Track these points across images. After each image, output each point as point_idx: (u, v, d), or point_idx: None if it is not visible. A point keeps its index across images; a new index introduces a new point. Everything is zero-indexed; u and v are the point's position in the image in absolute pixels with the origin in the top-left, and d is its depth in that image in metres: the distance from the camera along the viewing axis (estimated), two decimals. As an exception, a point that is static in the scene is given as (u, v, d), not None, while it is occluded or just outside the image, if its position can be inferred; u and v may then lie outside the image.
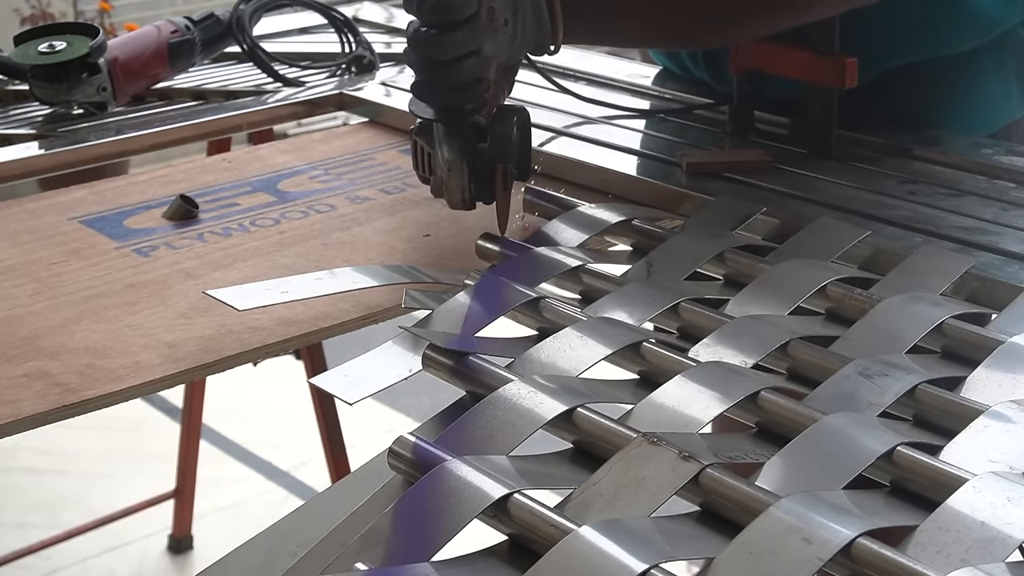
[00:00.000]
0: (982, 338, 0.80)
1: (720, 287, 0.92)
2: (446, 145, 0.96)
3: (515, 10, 0.96)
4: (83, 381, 0.80)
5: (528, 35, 0.98)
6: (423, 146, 0.98)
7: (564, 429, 0.69)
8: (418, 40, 0.92)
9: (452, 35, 0.91)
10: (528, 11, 0.97)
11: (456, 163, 0.96)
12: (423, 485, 0.62)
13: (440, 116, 0.95)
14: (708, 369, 0.74)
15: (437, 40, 0.91)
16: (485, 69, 0.94)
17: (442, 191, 0.98)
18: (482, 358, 0.75)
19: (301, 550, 0.62)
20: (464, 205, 0.98)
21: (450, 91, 0.94)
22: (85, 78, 1.28)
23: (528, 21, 0.97)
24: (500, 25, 0.94)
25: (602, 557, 0.55)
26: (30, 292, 0.94)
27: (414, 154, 1.00)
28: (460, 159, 0.96)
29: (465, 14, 0.91)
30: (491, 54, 0.94)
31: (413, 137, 0.99)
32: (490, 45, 0.93)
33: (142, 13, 3.85)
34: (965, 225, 1.01)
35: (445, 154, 0.96)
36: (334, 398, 0.76)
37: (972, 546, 0.57)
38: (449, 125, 0.96)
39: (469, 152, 0.96)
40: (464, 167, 0.96)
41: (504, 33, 0.95)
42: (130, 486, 2.49)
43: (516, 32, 0.96)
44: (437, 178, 0.98)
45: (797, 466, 0.65)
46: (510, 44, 0.96)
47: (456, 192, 0.97)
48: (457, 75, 0.93)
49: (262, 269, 0.98)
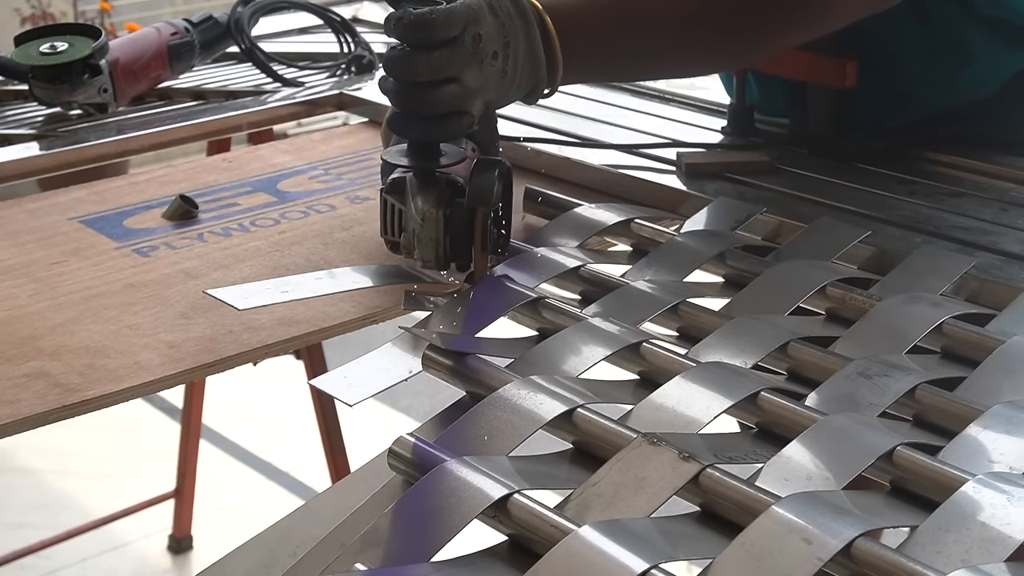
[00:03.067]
0: (982, 338, 0.80)
1: (720, 287, 0.92)
2: (420, 196, 0.86)
3: (506, 43, 0.89)
4: (83, 381, 0.80)
5: (521, 74, 0.91)
6: (393, 203, 0.88)
7: (564, 429, 0.69)
8: (392, 59, 0.85)
9: (429, 55, 0.84)
10: (521, 47, 0.90)
11: (431, 213, 0.85)
12: (423, 485, 0.62)
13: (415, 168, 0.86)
14: (708, 369, 0.74)
15: (412, 59, 0.84)
16: (467, 101, 0.86)
17: (413, 247, 0.87)
18: (482, 359, 0.75)
19: (301, 550, 0.62)
20: (437, 262, 0.87)
21: (426, 123, 0.86)
22: (87, 79, 1.28)
23: (521, 58, 0.90)
24: (487, 56, 0.87)
25: (602, 557, 0.55)
26: (30, 292, 0.94)
27: (383, 216, 0.89)
28: (436, 208, 0.85)
29: (445, 34, 0.84)
30: (475, 86, 0.86)
31: (383, 196, 0.89)
32: (473, 75, 0.86)
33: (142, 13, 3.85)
34: (965, 225, 1.01)
35: (419, 204, 0.86)
36: (334, 399, 0.76)
37: (972, 546, 0.57)
38: (423, 178, 0.86)
39: (445, 203, 0.86)
40: (440, 217, 0.85)
41: (492, 67, 0.87)
42: (130, 486, 2.49)
43: (506, 69, 0.89)
44: (408, 233, 0.87)
45: (797, 466, 0.65)
46: (499, 81, 0.89)
47: (429, 246, 0.86)
48: (434, 102, 0.85)
49: (262, 269, 0.97)
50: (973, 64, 1.14)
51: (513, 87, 0.91)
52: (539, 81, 0.93)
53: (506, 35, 0.88)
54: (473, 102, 0.87)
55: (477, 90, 0.87)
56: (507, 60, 0.89)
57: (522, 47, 0.90)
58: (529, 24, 0.91)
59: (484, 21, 0.87)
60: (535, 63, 0.91)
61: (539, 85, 0.93)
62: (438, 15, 0.84)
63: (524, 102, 0.95)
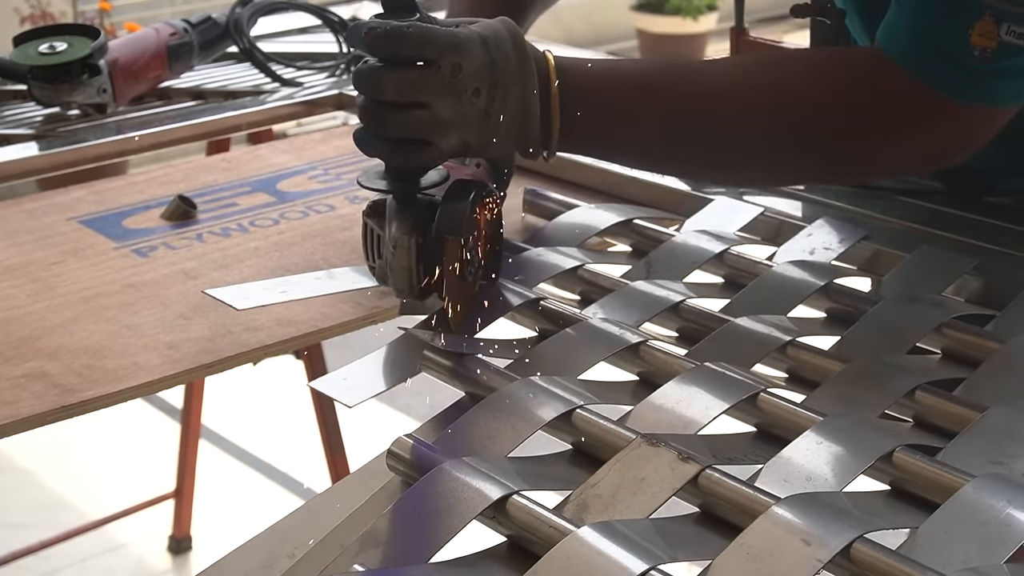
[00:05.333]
0: (982, 339, 0.80)
1: (720, 287, 0.92)
2: (395, 221, 0.81)
3: (493, 84, 0.81)
4: (82, 382, 0.80)
5: (510, 123, 0.83)
6: (373, 227, 0.84)
7: (563, 430, 0.69)
8: (361, 73, 0.80)
9: (399, 73, 0.78)
10: (513, 94, 0.82)
11: (403, 240, 0.80)
12: (422, 486, 0.62)
13: (392, 188, 0.82)
14: (707, 370, 0.74)
15: (380, 75, 0.79)
16: (436, 132, 0.79)
17: (387, 275, 0.83)
18: (482, 359, 0.75)
19: (300, 551, 0.62)
20: (411, 291, 0.82)
21: (388, 145, 0.80)
22: (86, 79, 1.28)
23: (511, 106, 0.82)
24: (466, 91, 0.80)
25: (601, 558, 0.55)
26: (29, 292, 0.94)
27: (364, 239, 0.86)
28: (408, 235, 0.80)
29: (418, 53, 0.78)
30: (447, 118, 0.79)
31: (364, 219, 0.85)
32: (447, 107, 0.79)
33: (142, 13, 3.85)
34: (965, 225, 1.01)
35: (392, 231, 0.81)
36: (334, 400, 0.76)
37: (972, 547, 0.57)
38: (400, 201, 0.82)
39: (420, 231, 0.80)
40: (412, 245, 0.80)
41: (472, 104, 0.80)
42: (129, 486, 2.49)
43: (490, 111, 0.81)
44: (383, 260, 0.83)
45: (797, 467, 0.65)
46: (480, 122, 0.81)
47: (401, 275, 0.81)
48: (398, 125, 0.79)
49: (261, 269, 0.97)
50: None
51: (499, 133, 0.83)
52: (530, 140, 0.85)
53: (495, 75, 0.81)
54: (443, 135, 0.80)
55: (450, 123, 0.80)
56: (492, 102, 0.81)
57: (514, 95, 0.82)
58: (527, 73, 0.83)
59: (468, 53, 0.80)
60: (526, 117, 0.84)
61: (531, 143, 0.86)
62: (414, 31, 0.78)
63: (523, 156, 0.88)
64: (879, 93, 0.88)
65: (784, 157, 0.92)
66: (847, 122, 0.89)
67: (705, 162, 0.94)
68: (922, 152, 0.90)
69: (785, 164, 0.93)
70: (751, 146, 0.91)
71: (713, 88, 0.91)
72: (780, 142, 0.90)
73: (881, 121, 0.89)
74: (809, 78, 0.91)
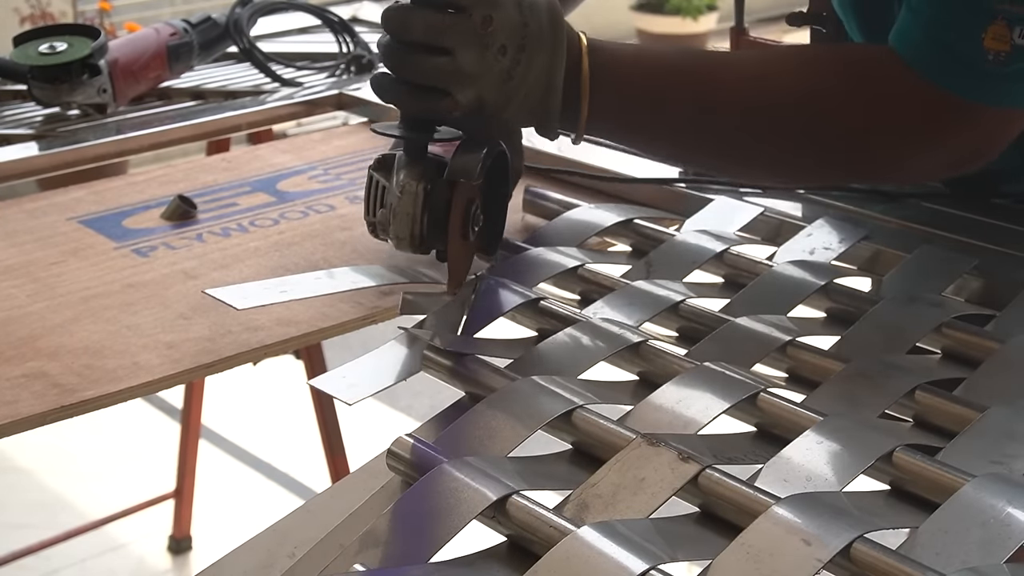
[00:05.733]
0: (982, 339, 0.80)
1: (720, 287, 0.92)
2: (404, 170, 0.80)
3: (521, 45, 0.80)
4: (82, 382, 0.80)
5: (531, 90, 0.81)
6: (378, 180, 0.82)
7: (563, 430, 0.69)
8: (391, 11, 0.79)
9: (428, 13, 0.78)
10: (538, 61, 0.81)
11: (411, 186, 0.79)
12: (422, 486, 0.62)
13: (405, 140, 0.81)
14: (707, 370, 0.74)
15: (409, 13, 0.78)
16: (455, 83, 0.79)
17: (388, 223, 0.81)
18: (481, 359, 0.75)
19: (300, 551, 0.62)
20: (412, 242, 0.81)
21: (406, 90, 0.79)
22: (86, 79, 1.28)
23: (535, 73, 0.81)
24: (493, 46, 0.79)
25: (601, 558, 0.55)
26: (28, 292, 0.94)
27: (366, 193, 0.84)
28: (416, 181, 0.79)
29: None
30: (469, 70, 0.79)
31: (369, 172, 0.83)
32: (471, 57, 0.79)
33: (141, 13, 3.85)
34: (965, 225, 1.01)
35: (400, 177, 0.79)
36: (334, 399, 0.76)
37: (972, 547, 0.57)
38: (410, 152, 0.81)
39: (428, 179, 0.79)
40: (419, 191, 0.79)
41: (496, 61, 0.80)
42: (130, 486, 2.49)
43: (513, 73, 0.80)
44: (386, 209, 0.81)
45: (797, 467, 0.65)
46: (500, 81, 0.80)
47: (405, 222, 0.79)
48: (420, 69, 0.79)
49: (261, 269, 0.97)
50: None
51: (516, 97, 0.82)
52: (550, 114, 0.84)
53: (525, 37, 0.80)
54: (462, 87, 0.79)
55: (471, 76, 0.79)
56: (517, 64, 0.80)
57: (539, 61, 0.81)
58: (558, 44, 0.82)
59: (502, 8, 0.80)
60: (549, 89, 0.82)
61: (550, 119, 0.84)
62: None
63: (538, 133, 0.87)
64: (896, 98, 0.88)
65: (806, 157, 0.92)
66: (862, 126, 0.89)
67: (729, 157, 0.94)
68: (941, 155, 0.90)
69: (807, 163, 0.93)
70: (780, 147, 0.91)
71: (744, 82, 0.91)
72: (805, 141, 0.90)
73: (899, 126, 0.88)
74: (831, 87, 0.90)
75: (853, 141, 0.90)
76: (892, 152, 0.90)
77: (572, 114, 0.85)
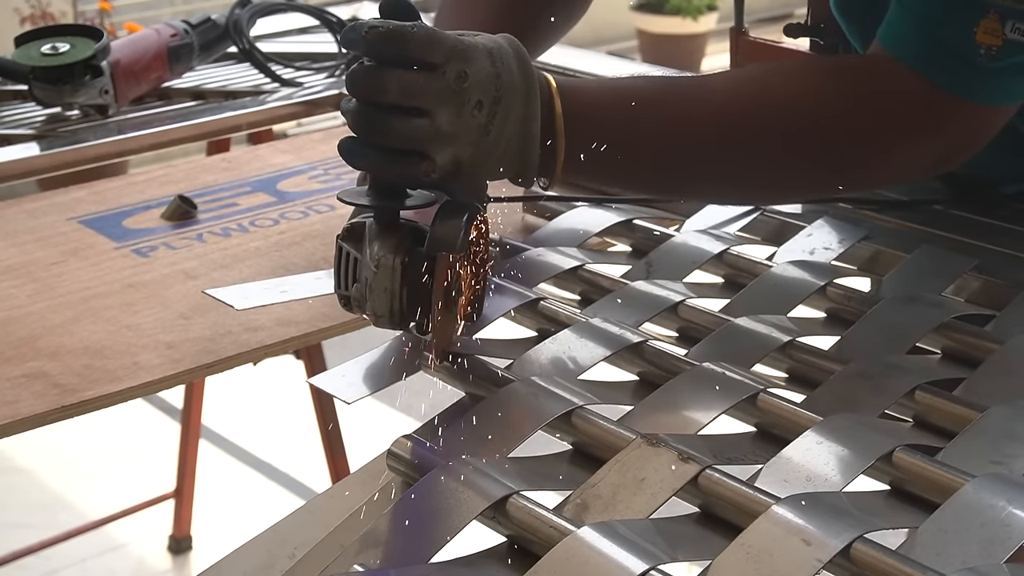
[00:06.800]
0: (982, 339, 0.80)
1: (720, 287, 0.92)
2: (377, 242, 0.73)
3: (496, 99, 0.75)
4: (82, 382, 0.80)
5: (508, 143, 0.76)
6: (349, 251, 0.75)
7: (563, 430, 0.69)
8: (358, 73, 0.72)
9: (398, 72, 0.72)
10: (513, 114, 0.76)
11: (387, 260, 0.73)
12: (422, 486, 0.62)
13: (375, 209, 0.74)
14: (707, 370, 0.74)
15: (383, 75, 0.72)
16: (433, 145, 0.72)
17: (365, 299, 0.74)
18: (482, 359, 0.75)
19: (300, 551, 0.62)
20: (391, 319, 0.74)
21: (380, 155, 0.73)
22: (88, 80, 1.28)
23: (511, 125, 0.76)
24: (469, 103, 0.73)
25: (601, 558, 0.55)
26: (29, 292, 0.94)
27: (336, 266, 0.77)
28: (393, 254, 0.73)
29: (424, 56, 0.72)
30: (447, 131, 0.72)
31: (338, 243, 0.76)
32: (448, 117, 0.72)
33: (142, 13, 3.85)
34: (965, 225, 1.01)
35: (375, 250, 0.73)
36: (333, 399, 0.75)
37: (972, 547, 0.57)
38: (382, 221, 0.74)
39: (404, 251, 0.73)
40: (396, 265, 0.73)
41: (472, 118, 0.74)
42: (130, 486, 2.49)
43: (490, 127, 0.75)
44: (361, 283, 0.74)
45: (797, 467, 0.65)
46: (478, 137, 0.74)
47: (382, 297, 0.73)
48: (397, 132, 0.72)
49: (261, 269, 0.97)
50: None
51: (495, 152, 0.76)
52: (528, 166, 0.78)
53: (499, 89, 0.75)
54: (439, 149, 0.73)
55: (448, 137, 0.73)
56: (493, 118, 0.75)
57: (515, 113, 0.76)
58: (531, 92, 0.77)
59: (475, 61, 0.74)
60: (526, 140, 0.77)
61: (528, 170, 0.79)
62: (420, 31, 0.72)
63: (514, 183, 0.80)
64: (886, 95, 0.87)
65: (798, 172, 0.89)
66: (855, 127, 0.88)
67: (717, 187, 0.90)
68: (931, 151, 0.89)
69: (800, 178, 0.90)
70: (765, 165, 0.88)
71: (721, 108, 0.87)
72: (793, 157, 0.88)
73: (890, 124, 0.88)
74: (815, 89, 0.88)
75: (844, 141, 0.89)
76: (881, 151, 0.89)
77: (548, 160, 0.80)
